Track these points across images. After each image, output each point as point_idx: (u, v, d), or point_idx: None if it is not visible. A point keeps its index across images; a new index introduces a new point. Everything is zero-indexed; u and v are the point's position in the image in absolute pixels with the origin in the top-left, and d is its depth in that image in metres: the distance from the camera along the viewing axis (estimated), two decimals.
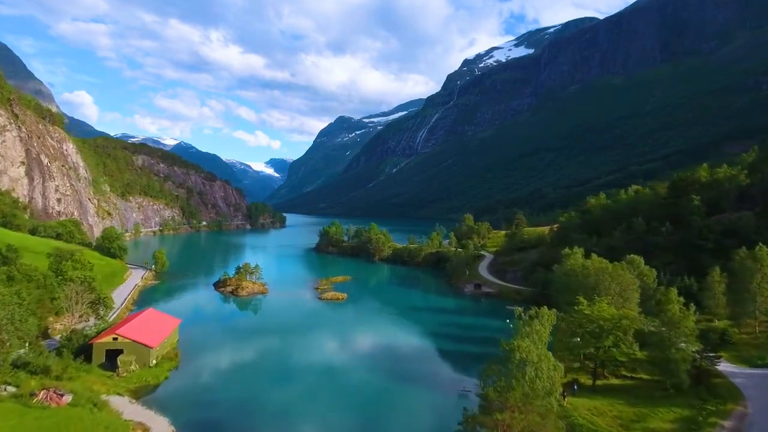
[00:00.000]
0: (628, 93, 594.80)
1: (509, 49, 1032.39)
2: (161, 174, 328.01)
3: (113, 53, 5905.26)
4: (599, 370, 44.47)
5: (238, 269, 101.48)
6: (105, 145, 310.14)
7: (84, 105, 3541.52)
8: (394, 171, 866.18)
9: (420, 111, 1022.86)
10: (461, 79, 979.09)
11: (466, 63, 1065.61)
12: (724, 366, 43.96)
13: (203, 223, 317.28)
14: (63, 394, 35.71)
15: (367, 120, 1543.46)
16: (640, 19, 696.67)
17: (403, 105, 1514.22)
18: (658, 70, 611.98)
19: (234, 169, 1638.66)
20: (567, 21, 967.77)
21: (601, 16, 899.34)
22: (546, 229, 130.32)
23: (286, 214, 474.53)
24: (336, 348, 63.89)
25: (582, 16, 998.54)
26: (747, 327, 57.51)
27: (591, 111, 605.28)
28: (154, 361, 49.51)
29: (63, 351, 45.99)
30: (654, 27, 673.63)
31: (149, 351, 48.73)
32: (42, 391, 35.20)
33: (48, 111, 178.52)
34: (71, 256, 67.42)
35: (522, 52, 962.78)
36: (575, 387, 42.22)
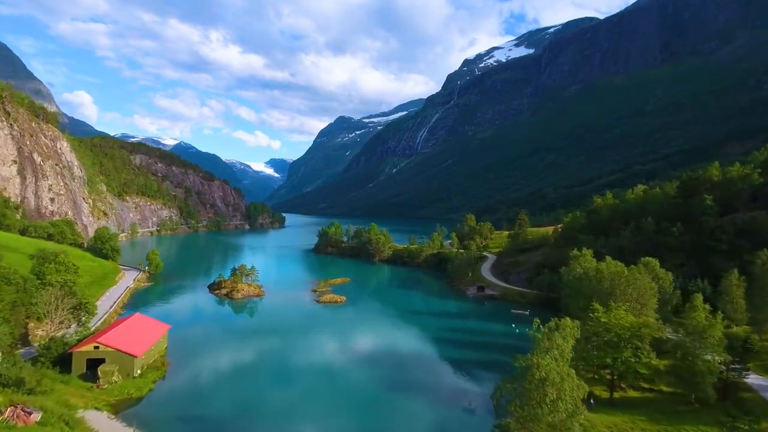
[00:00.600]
0: (628, 93, 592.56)
1: (509, 49, 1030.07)
2: (159, 174, 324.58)
3: (113, 53, 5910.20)
4: (616, 381, 41.39)
5: (233, 271, 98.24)
6: (102, 145, 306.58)
7: (83, 105, 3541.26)
8: (394, 171, 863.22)
9: (420, 111, 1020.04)
10: (461, 79, 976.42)
11: (466, 63, 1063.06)
12: (752, 378, 40.87)
13: (201, 224, 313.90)
14: (32, 411, 32.45)
15: (367, 120, 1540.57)
16: (640, 19, 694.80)
17: (403, 105, 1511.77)
18: (658, 69, 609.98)
19: (234, 169, 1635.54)
20: (567, 21, 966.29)
21: (601, 15, 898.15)
22: (550, 230, 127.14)
23: (285, 214, 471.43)
24: (333, 355, 60.61)
25: (582, 16, 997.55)
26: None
27: (591, 111, 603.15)
28: (138, 371, 46.31)
29: (40, 360, 42.77)
30: (654, 27, 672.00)
31: (133, 360, 45.51)
32: (9, 408, 31.94)
33: (41, 109, 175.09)
34: (55, 257, 64.31)
35: (522, 52, 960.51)
36: (592, 402, 39.08)
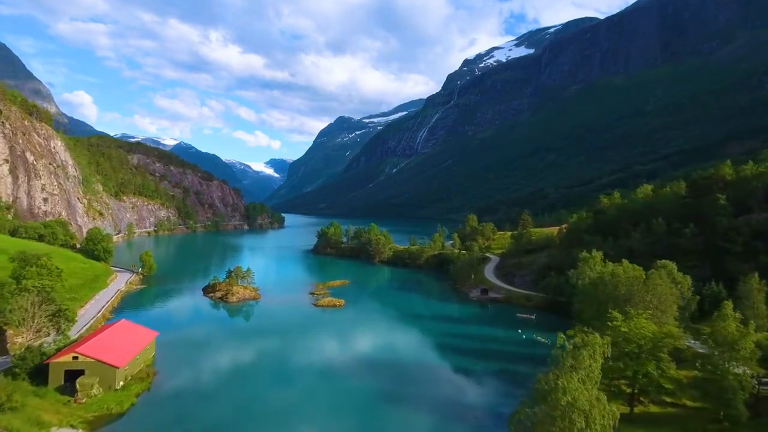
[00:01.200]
0: (629, 93, 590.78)
1: (509, 49, 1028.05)
2: (157, 173, 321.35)
3: (112, 53, 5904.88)
4: (636, 394, 38.34)
5: (228, 273, 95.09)
6: (99, 144, 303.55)
7: (83, 105, 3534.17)
8: (394, 171, 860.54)
9: (420, 111, 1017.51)
10: (461, 79, 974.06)
11: (466, 63, 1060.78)
12: None
13: (200, 224, 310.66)
14: None
15: (367, 120, 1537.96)
16: (640, 19, 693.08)
17: (403, 105, 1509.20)
18: (659, 69, 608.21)
19: (234, 170, 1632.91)
20: (567, 21, 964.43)
21: (601, 15, 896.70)
22: (554, 230, 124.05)
23: (285, 214, 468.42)
24: (331, 364, 57.24)
25: (582, 16, 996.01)
26: None
27: (592, 111, 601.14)
28: (120, 383, 43.19)
29: (14, 372, 39.65)
30: (654, 27, 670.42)
31: (115, 371, 42.39)
32: None
33: (35, 107, 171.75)
34: (37, 260, 61.16)
35: (522, 52, 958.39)
36: None
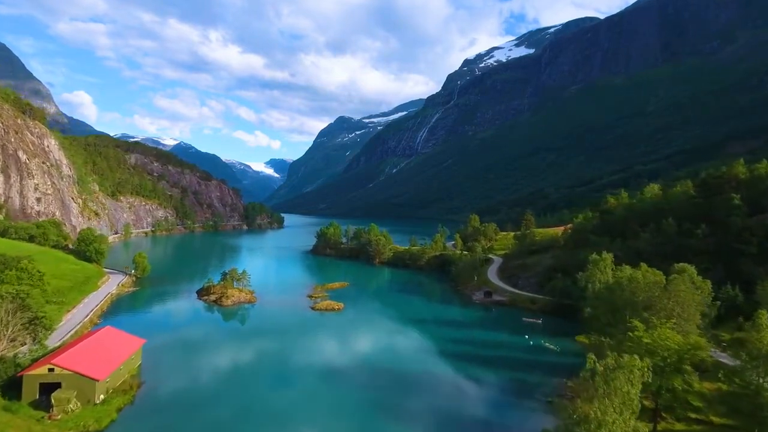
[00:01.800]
0: (629, 93, 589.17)
1: (510, 49, 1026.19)
2: (155, 173, 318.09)
3: (112, 53, 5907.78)
4: (659, 410, 35.34)
5: (224, 275, 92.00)
6: (96, 144, 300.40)
7: (83, 105, 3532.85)
8: (394, 171, 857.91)
9: (420, 111, 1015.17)
10: (461, 79, 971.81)
11: (466, 63, 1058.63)
12: None
13: (198, 224, 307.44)
14: None
15: (367, 120, 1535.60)
16: (641, 19, 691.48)
17: (403, 105, 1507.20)
18: (659, 69, 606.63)
19: (234, 170, 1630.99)
20: (567, 21, 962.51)
21: (601, 15, 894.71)
22: (558, 231, 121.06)
23: (285, 214, 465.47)
24: (328, 372, 54.04)
25: (582, 15, 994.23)
26: None
27: (592, 111, 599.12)
28: (101, 397, 40.11)
29: None
30: (655, 27, 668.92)
31: (94, 384, 39.32)
32: None
33: (28, 105, 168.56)
34: (17, 264, 58.10)
35: (522, 51, 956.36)
36: None
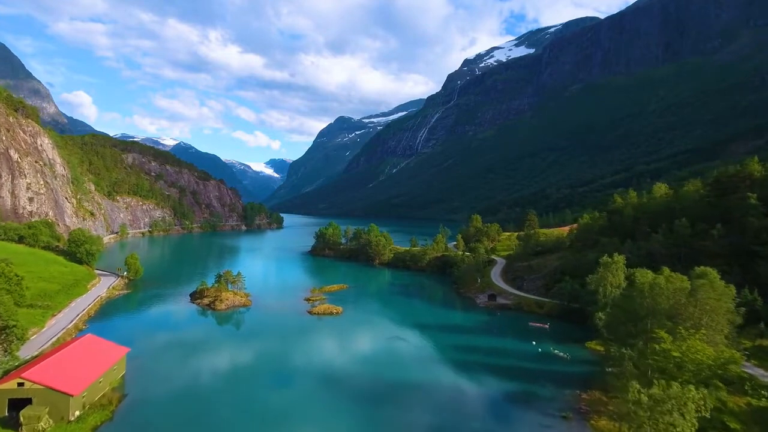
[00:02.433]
0: (630, 92, 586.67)
1: (510, 49, 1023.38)
2: (153, 173, 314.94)
3: (112, 53, 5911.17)
4: None
5: (218, 278, 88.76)
6: (93, 143, 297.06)
7: (83, 105, 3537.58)
8: (394, 171, 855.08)
9: (420, 111, 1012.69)
10: (462, 79, 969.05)
11: (466, 63, 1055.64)
12: None
13: (196, 224, 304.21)
14: None
15: (367, 120, 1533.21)
16: (642, 18, 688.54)
17: (403, 105, 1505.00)
18: (660, 69, 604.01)
19: (234, 170, 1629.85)
20: (567, 21, 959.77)
21: (601, 15, 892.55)
22: (564, 231, 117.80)
23: (284, 214, 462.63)
24: (324, 382, 50.70)
25: (582, 15, 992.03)
26: None
27: (593, 110, 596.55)
28: (76, 413, 36.88)
29: None
30: (656, 26, 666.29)
31: (68, 400, 36.09)
32: None
33: (20, 103, 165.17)
34: None
35: (523, 51, 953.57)
36: None
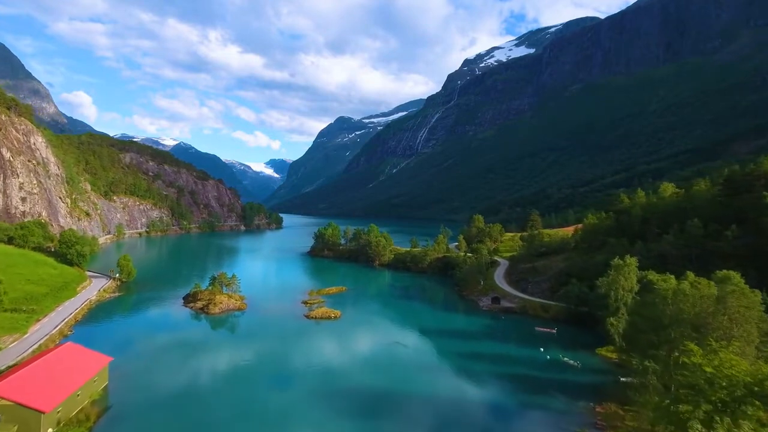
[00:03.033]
0: (631, 92, 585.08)
1: (510, 49, 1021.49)
2: (150, 172, 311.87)
3: (111, 53, 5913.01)
4: None
5: (212, 280, 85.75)
6: (90, 142, 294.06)
7: (83, 105, 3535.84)
8: (394, 171, 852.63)
9: (420, 111, 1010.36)
10: (462, 79, 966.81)
11: (466, 63, 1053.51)
12: None
13: (194, 225, 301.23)
14: None
15: (367, 120, 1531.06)
16: (642, 18, 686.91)
17: (403, 105, 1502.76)
18: (660, 69, 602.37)
19: (234, 170, 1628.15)
20: (568, 21, 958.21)
21: (601, 15, 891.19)
22: (568, 231, 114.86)
23: (284, 214, 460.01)
24: (320, 395, 47.48)
25: (582, 15, 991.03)
26: None
27: (594, 110, 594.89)
28: (49, 431, 33.89)
29: None
30: (656, 26, 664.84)
31: (39, 417, 33.11)
32: None
33: (13, 101, 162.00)
34: None
35: (523, 51, 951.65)
36: None
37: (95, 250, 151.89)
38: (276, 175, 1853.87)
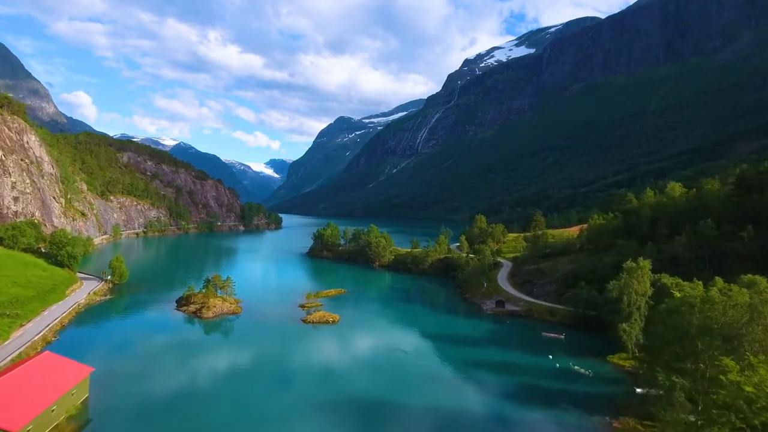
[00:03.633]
0: (631, 92, 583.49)
1: (510, 49, 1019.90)
2: (149, 172, 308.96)
3: (111, 53, 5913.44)
4: None
5: (206, 282, 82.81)
6: (87, 141, 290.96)
7: (83, 105, 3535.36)
8: (394, 171, 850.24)
9: (420, 111, 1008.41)
10: (462, 79, 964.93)
11: (466, 63, 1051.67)
12: None
13: (192, 225, 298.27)
14: None
15: (367, 120, 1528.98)
16: (642, 18, 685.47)
17: (403, 105, 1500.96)
18: (661, 69, 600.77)
19: (234, 170, 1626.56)
20: (568, 20, 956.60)
21: (601, 15, 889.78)
22: (573, 232, 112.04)
23: (284, 214, 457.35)
24: (315, 406, 44.59)
25: (582, 15, 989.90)
26: None
27: (594, 110, 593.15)
28: None
29: None
30: (657, 26, 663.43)
31: None
32: None
33: (5, 98, 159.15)
34: None
35: (523, 51, 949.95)
36: None
37: (89, 250, 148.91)
38: (276, 176, 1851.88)
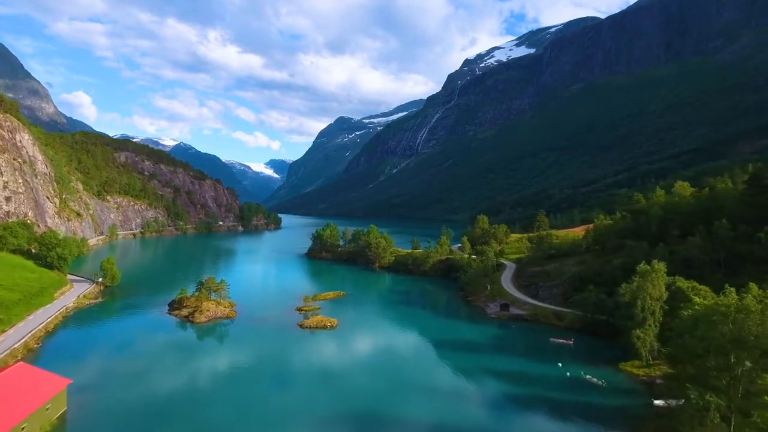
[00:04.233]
0: (631, 92, 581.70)
1: (510, 49, 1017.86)
2: (146, 172, 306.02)
3: (111, 53, 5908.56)
4: None
5: (199, 285, 79.78)
6: (84, 141, 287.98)
7: (82, 106, 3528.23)
8: (394, 171, 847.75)
9: (420, 111, 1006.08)
10: (462, 79, 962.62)
11: (466, 63, 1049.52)
12: None
13: (190, 225, 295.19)
14: None
15: (367, 120, 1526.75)
16: (643, 18, 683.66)
17: (403, 105, 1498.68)
18: (662, 69, 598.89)
19: (234, 170, 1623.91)
20: (568, 20, 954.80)
21: (601, 15, 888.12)
22: (579, 232, 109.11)
23: (284, 215, 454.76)
24: (308, 419, 41.78)
25: (582, 15, 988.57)
26: None
27: (594, 110, 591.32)
28: None
29: None
30: (657, 26, 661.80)
31: None
32: None
33: None
34: None
35: (523, 51, 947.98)
36: None
37: (83, 251, 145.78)
38: (276, 176, 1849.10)
